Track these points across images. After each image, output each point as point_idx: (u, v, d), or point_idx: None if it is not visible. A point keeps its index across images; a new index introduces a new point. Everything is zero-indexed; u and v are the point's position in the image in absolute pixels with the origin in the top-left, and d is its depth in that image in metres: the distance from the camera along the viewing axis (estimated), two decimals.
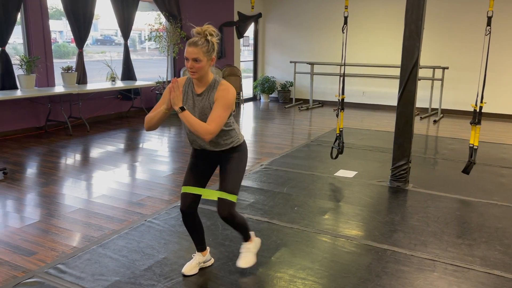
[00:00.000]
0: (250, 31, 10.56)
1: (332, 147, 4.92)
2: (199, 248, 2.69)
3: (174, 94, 2.22)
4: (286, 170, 4.81)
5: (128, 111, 8.05)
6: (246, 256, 2.68)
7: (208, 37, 2.27)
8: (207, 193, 2.52)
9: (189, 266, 2.67)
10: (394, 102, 8.97)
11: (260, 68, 10.87)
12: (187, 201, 2.51)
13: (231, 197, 2.43)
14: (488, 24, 4.00)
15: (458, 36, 8.64)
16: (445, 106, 8.88)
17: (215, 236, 3.18)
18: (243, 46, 10.66)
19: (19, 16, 6.20)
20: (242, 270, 2.70)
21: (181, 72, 8.80)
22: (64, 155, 5.39)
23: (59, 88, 6.51)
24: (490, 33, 4.01)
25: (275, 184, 4.34)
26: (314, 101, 10.06)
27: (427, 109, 8.86)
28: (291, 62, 9.85)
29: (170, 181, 4.46)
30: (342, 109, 4.76)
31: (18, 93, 5.85)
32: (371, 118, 8.40)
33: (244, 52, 11.26)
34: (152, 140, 6.25)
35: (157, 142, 6.15)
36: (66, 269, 2.70)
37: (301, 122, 7.92)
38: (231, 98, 2.31)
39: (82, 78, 7.11)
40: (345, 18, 4.60)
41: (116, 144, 5.96)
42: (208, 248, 2.79)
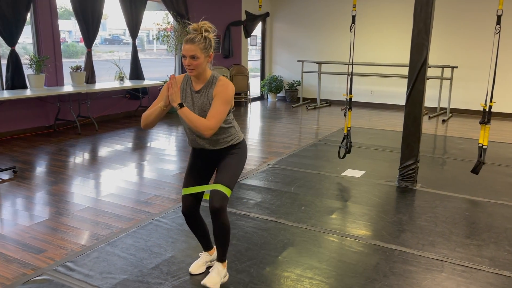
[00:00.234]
0: (258, 30, 10.56)
1: (340, 147, 4.90)
2: (206, 248, 2.70)
3: (172, 91, 2.19)
4: (294, 170, 4.81)
5: (136, 110, 8.09)
6: (214, 278, 2.46)
7: (205, 34, 2.25)
8: (207, 189, 2.47)
9: (196, 265, 2.68)
10: (402, 102, 8.90)
11: (268, 67, 10.87)
12: (188, 203, 2.48)
13: (225, 189, 2.33)
14: (498, 23, 3.96)
15: (468, 35, 8.56)
16: (454, 106, 8.81)
17: None
18: (251, 46, 10.66)
19: (29, 16, 6.25)
20: (249, 270, 2.71)
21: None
22: (73, 154, 5.43)
23: (68, 88, 6.56)
24: (500, 32, 3.97)
25: (282, 184, 4.34)
26: (322, 100, 10.03)
27: (436, 109, 8.79)
28: (299, 61, 9.83)
29: (178, 180, 4.48)
30: (350, 109, 4.74)
31: (28, 93, 5.90)
32: (379, 118, 8.36)
33: (252, 52, 11.26)
34: (160, 139, 6.27)
35: (165, 141, 6.18)
36: (75, 267, 2.72)
37: (309, 122, 7.90)
38: (230, 94, 2.28)
39: (91, 78, 7.16)
40: (353, 17, 4.58)
41: (124, 143, 5.99)
42: (215, 247, 2.79)
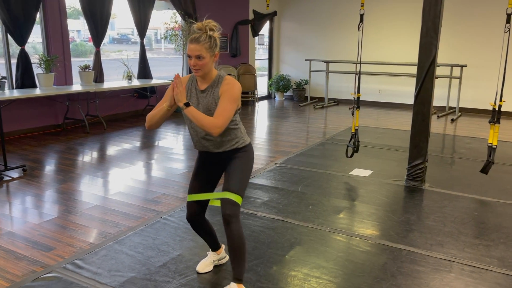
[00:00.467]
0: (265, 29, 10.55)
1: (348, 146, 4.89)
2: (213, 248, 2.70)
3: (178, 90, 2.13)
4: (301, 169, 4.80)
5: (144, 109, 8.13)
6: None
7: (209, 33, 2.19)
8: (213, 197, 2.41)
9: (203, 264, 2.69)
10: (411, 101, 8.86)
11: (275, 66, 10.86)
12: (192, 210, 2.45)
13: (235, 197, 2.25)
14: (508, 21, 3.92)
15: (477, 34, 8.49)
16: (463, 105, 8.73)
17: None
18: (258, 44, 10.65)
19: (38, 16, 6.31)
20: (256, 268, 2.71)
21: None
22: (82, 153, 5.47)
23: (77, 87, 6.60)
24: (510, 30, 3.93)
25: (290, 183, 4.33)
26: (330, 99, 10.01)
27: (445, 108, 8.73)
28: (306, 60, 9.81)
29: (185, 179, 4.49)
30: (358, 108, 4.72)
31: (37, 92, 5.95)
32: (387, 117, 8.32)
33: (259, 51, 11.25)
34: (168, 138, 6.30)
35: (173, 140, 6.20)
36: (83, 265, 2.74)
37: (316, 121, 7.89)
38: (237, 92, 2.22)
39: (99, 77, 7.21)
40: (361, 16, 4.56)
41: (132, 142, 6.02)
42: (223, 246, 2.80)
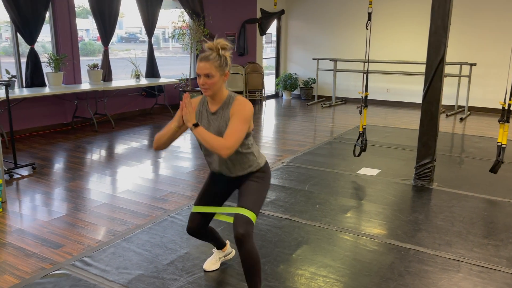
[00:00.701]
0: (273, 28, 10.54)
1: (355, 145, 4.87)
2: (218, 247, 2.71)
3: (187, 111, 2.07)
4: (308, 168, 4.80)
5: (152, 108, 8.16)
6: None
7: (221, 52, 2.13)
8: (221, 212, 2.35)
9: (210, 262, 2.70)
10: (419, 99, 8.81)
11: (283, 65, 10.85)
12: (195, 223, 2.38)
13: (249, 214, 2.15)
14: None
15: (486, 32, 8.40)
16: (472, 104, 8.66)
17: None
18: (266, 43, 10.65)
19: (48, 15, 6.36)
20: (263, 267, 2.71)
21: None
22: (90, 151, 5.51)
23: (85, 85, 6.65)
24: None
25: (297, 182, 4.33)
26: (337, 98, 9.97)
27: (454, 107, 8.67)
28: (314, 59, 9.79)
29: (193, 177, 4.51)
30: (366, 106, 4.70)
31: (46, 90, 6.00)
32: (395, 116, 8.27)
33: (267, 49, 11.24)
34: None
35: (180, 139, 6.22)
36: (92, 262, 2.76)
37: (324, 119, 7.87)
38: (248, 112, 2.14)
39: (108, 76, 7.25)
40: (369, 14, 4.54)
41: (140, 141, 6.05)
42: (228, 242, 2.81)
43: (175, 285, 2.52)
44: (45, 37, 6.87)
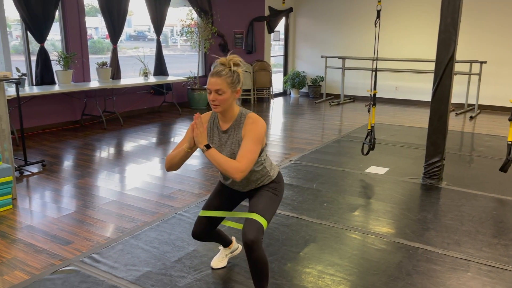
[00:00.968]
0: (281, 26, 10.52)
1: (363, 143, 4.85)
2: (225, 245, 2.71)
3: (198, 131, 2.01)
4: (316, 166, 4.79)
5: (160, 106, 8.19)
6: None
7: (233, 68, 2.08)
8: (229, 216, 2.32)
9: (217, 260, 2.71)
10: (428, 98, 8.74)
11: (291, 63, 10.82)
12: (202, 227, 2.36)
13: (261, 219, 2.12)
14: None
15: (497, 30, 8.31)
16: (482, 102, 8.57)
17: None
18: (274, 41, 10.62)
19: (57, 14, 6.41)
20: (271, 265, 2.72)
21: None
22: (99, 148, 5.55)
23: (94, 83, 6.69)
24: None
25: (305, 180, 4.33)
26: (345, 96, 9.93)
27: (463, 105, 8.59)
28: (322, 57, 9.76)
29: (201, 175, 4.52)
30: (374, 105, 4.68)
31: (56, 88, 6.05)
32: (404, 114, 8.22)
33: (275, 47, 11.22)
34: (183, 134, 6.34)
35: None
36: (100, 259, 2.79)
37: (332, 118, 7.84)
38: (261, 131, 2.09)
39: (116, 74, 7.29)
40: (378, 12, 4.51)
41: (149, 138, 6.08)
42: (234, 238, 2.81)
43: (183, 282, 2.53)
44: (55, 36, 6.93)
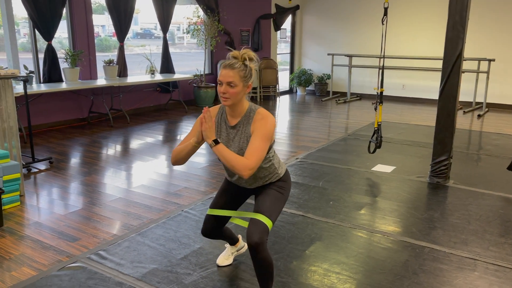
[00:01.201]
0: (288, 23, 10.49)
1: (370, 141, 4.83)
2: (231, 243, 2.71)
3: (206, 126, 1.98)
4: (322, 164, 4.78)
5: (167, 104, 8.21)
6: None
7: (247, 62, 2.03)
8: (236, 215, 2.31)
9: (223, 258, 2.71)
10: (435, 96, 8.68)
11: (297, 61, 10.80)
12: (210, 225, 2.38)
13: (266, 220, 2.09)
14: None
15: (506, 27, 8.22)
16: (491, 100, 8.50)
17: None
18: (280, 39, 10.60)
19: (64, 12, 6.44)
20: (276, 263, 2.72)
21: (218, 65, 8.87)
22: (105, 146, 5.57)
23: (101, 81, 6.72)
24: None
25: (311, 178, 4.32)
26: (352, 94, 9.90)
27: (471, 103, 8.52)
28: (329, 55, 9.72)
29: (206, 173, 4.53)
30: (381, 103, 4.66)
31: (63, 86, 6.09)
32: (411, 112, 8.18)
33: (281, 45, 11.20)
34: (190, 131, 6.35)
35: None
36: (107, 256, 2.80)
37: (338, 116, 7.82)
38: (270, 128, 2.04)
39: (123, 71, 7.32)
40: (385, 9, 4.48)
41: (155, 136, 6.10)
42: (240, 236, 2.82)
43: (189, 280, 2.54)
44: (62, 33, 6.96)
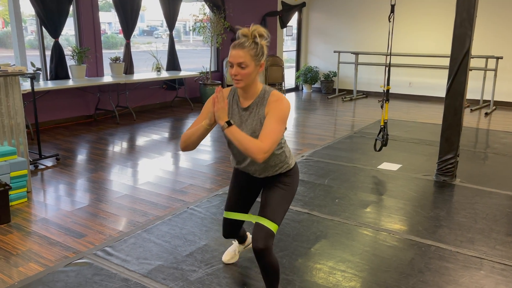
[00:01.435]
0: (294, 21, 10.46)
1: (376, 139, 4.81)
2: (240, 241, 2.72)
3: (219, 106, 1.85)
4: (328, 162, 4.77)
5: (173, 101, 8.23)
6: None
7: (257, 39, 1.90)
8: (251, 219, 2.23)
9: (229, 255, 2.71)
10: (442, 93, 8.62)
11: (303, 58, 10.77)
12: (227, 229, 2.39)
13: (271, 225, 2.03)
14: None
15: None
16: (498, 98, 8.44)
17: None
18: (286, 36, 10.58)
19: (71, 9, 6.46)
20: (281, 260, 2.72)
21: (224, 62, 8.87)
22: (112, 143, 5.60)
23: (108, 78, 6.75)
24: None
25: (316, 176, 4.31)
26: (358, 92, 9.86)
27: (478, 101, 8.46)
28: (335, 52, 9.69)
29: (212, 170, 4.54)
30: (387, 100, 4.64)
31: (70, 83, 6.12)
32: (418, 110, 8.13)
33: (287, 42, 11.17)
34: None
35: None
36: (113, 252, 2.82)
37: (344, 113, 7.80)
38: (286, 110, 1.93)
39: (129, 68, 7.34)
40: (392, 6, 4.45)
41: (161, 133, 6.12)
42: (248, 233, 2.82)
43: (194, 276, 2.55)
44: (69, 31, 6.99)
